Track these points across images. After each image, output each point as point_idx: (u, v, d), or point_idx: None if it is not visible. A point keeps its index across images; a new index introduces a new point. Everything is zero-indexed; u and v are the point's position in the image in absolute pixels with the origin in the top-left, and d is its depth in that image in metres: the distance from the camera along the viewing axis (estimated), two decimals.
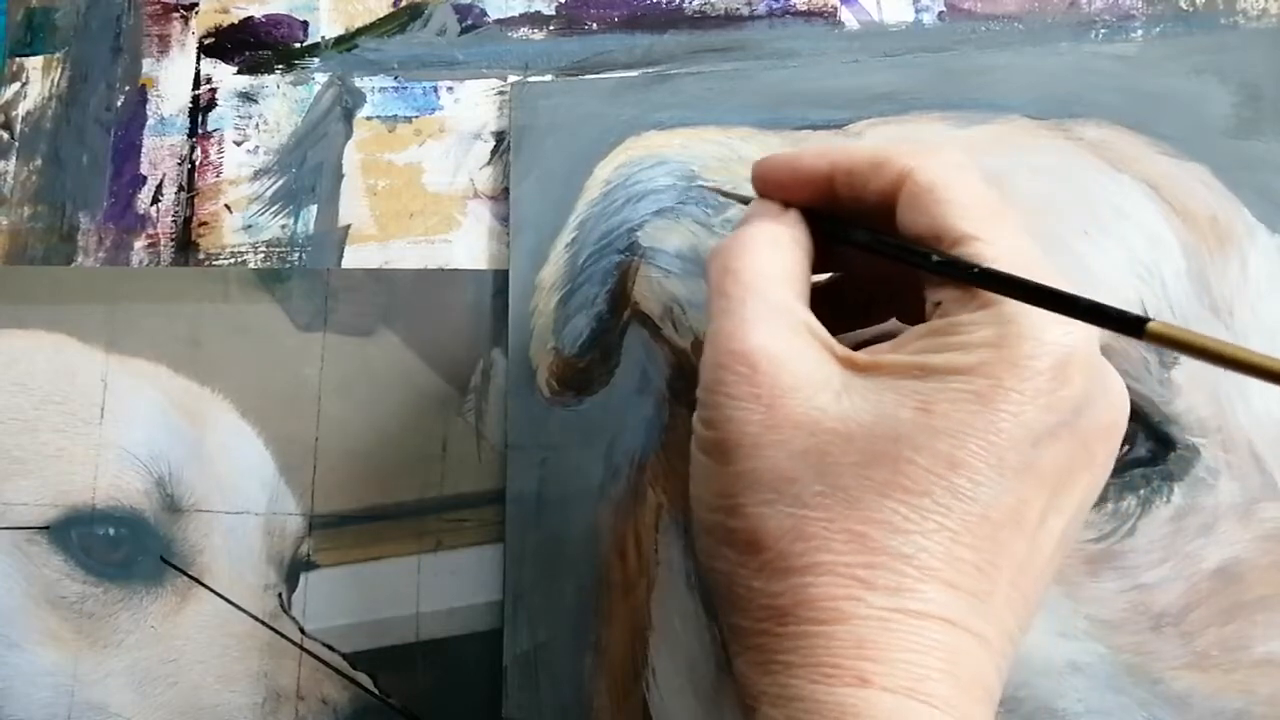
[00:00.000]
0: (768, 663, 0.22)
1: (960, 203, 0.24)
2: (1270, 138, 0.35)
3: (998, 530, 0.22)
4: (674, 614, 0.35)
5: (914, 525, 0.22)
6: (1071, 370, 0.22)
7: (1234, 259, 0.34)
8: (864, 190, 0.25)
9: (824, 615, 0.22)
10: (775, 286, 0.25)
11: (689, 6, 0.41)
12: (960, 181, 0.24)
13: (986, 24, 0.39)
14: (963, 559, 0.22)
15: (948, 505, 0.22)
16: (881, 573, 0.21)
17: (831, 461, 0.22)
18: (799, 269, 0.26)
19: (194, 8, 0.44)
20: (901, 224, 0.25)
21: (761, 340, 0.24)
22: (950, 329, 0.23)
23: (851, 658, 0.21)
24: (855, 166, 0.26)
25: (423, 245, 0.40)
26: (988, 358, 0.22)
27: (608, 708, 0.35)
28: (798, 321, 0.24)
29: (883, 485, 0.22)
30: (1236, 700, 0.31)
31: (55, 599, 0.38)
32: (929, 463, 0.22)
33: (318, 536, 0.38)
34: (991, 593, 0.22)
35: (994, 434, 0.22)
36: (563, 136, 0.39)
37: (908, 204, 0.24)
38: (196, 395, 0.40)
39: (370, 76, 0.42)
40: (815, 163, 0.26)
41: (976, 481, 0.22)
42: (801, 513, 0.22)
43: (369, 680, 0.37)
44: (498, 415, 0.38)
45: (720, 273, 0.26)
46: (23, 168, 0.44)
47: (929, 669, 0.21)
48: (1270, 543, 0.32)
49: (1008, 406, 0.22)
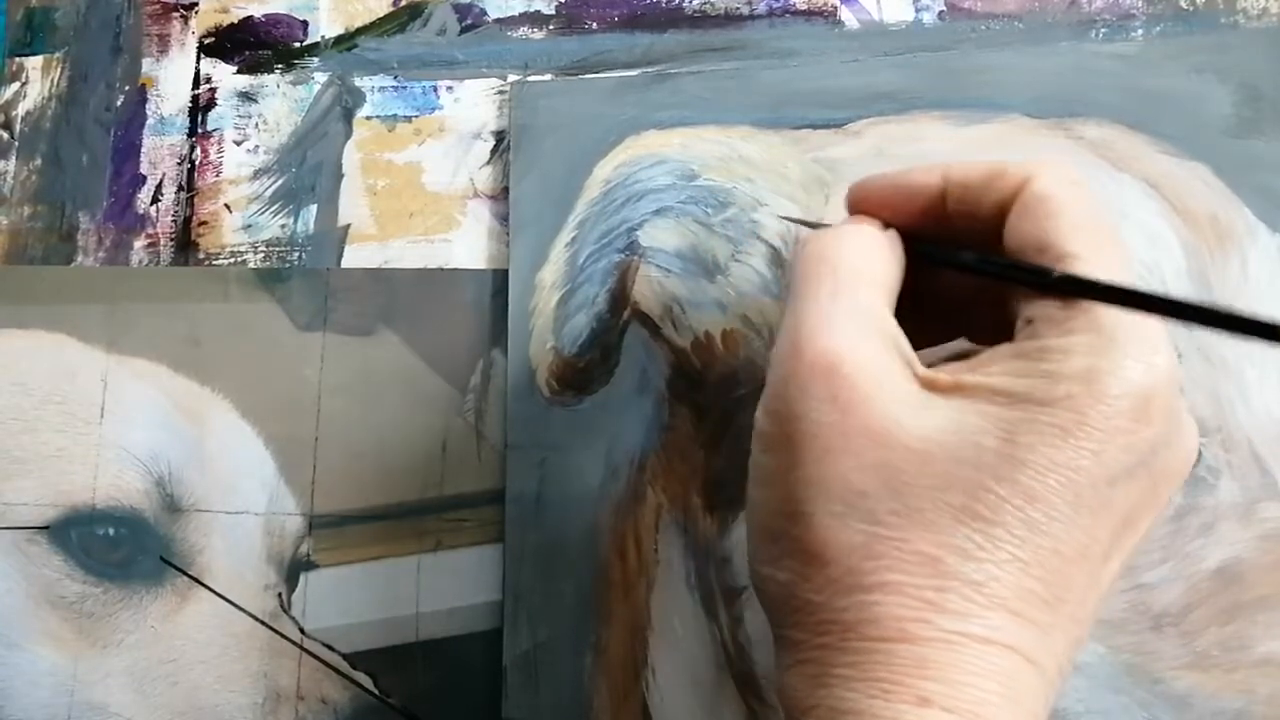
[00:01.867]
0: (823, 676, 0.22)
1: (1072, 219, 0.23)
2: (1270, 137, 0.35)
3: (1067, 565, 0.22)
4: (674, 614, 0.35)
5: (986, 554, 0.21)
6: (1152, 410, 0.22)
7: (1234, 258, 0.34)
8: (980, 203, 0.25)
9: (889, 634, 0.21)
10: (868, 288, 0.24)
11: (689, 6, 0.41)
12: (1076, 198, 0.24)
13: (986, 23, 0.39)
14: (1031, 590, 0.21)
15: (1022, 537, 0.21)
16: (951, 597, 0.21)
17: (906, 480, 0.22)
18: (893, 279, 0.25)
19: (194, 7, 0.44)
20: (1010, 234, 0.24)
21: (847, 340, 0.23)
22: (1040, 354, 0.22)
23: (913, 676, 0.21)
24: (971, 178, 0.25)
25: (422, 245, 0.40)
26: (1075, 391, 0.22)
27: (608, 708, 0.35)
28: (885, 330, 0.24)
29: (959, 510, 0.22)
30: (1236, 700, 0.31)
31: (55, 599, 0.38)
32: (1008, 493, 0.21)
33: (318, 536, 0.38)
34: (1053, 625, 0.22)
35: (1074, 471, 0.21)
36: (563, 136, 0.39)
37: (1020, 213, 0.24)
38: (196, 395, 0.40)
39: (370, 76, 0.42)
40: (927, 178, 0.26)
41: (1052, 516, 0.21)
42: (874, 530, 0.22)
43: (369, 680, 0.37)
44: (498, 415, 0.38)
45: (814, 261, 0.25)
46: (23, 168, 0.44)
47: (990, 694, 0.21)
48: (1270, 542, 0.32)
49: (1090, 444, 0.21)
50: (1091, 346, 0.22)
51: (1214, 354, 0.33)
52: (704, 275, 0.36)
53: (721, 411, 0.35)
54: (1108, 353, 0.22)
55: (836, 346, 0.23)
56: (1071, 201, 0.24)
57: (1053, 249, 0.23)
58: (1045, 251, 0.23)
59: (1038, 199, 0.24)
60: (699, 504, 0.35)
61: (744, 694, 0.34)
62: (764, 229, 0.36)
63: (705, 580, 0.35)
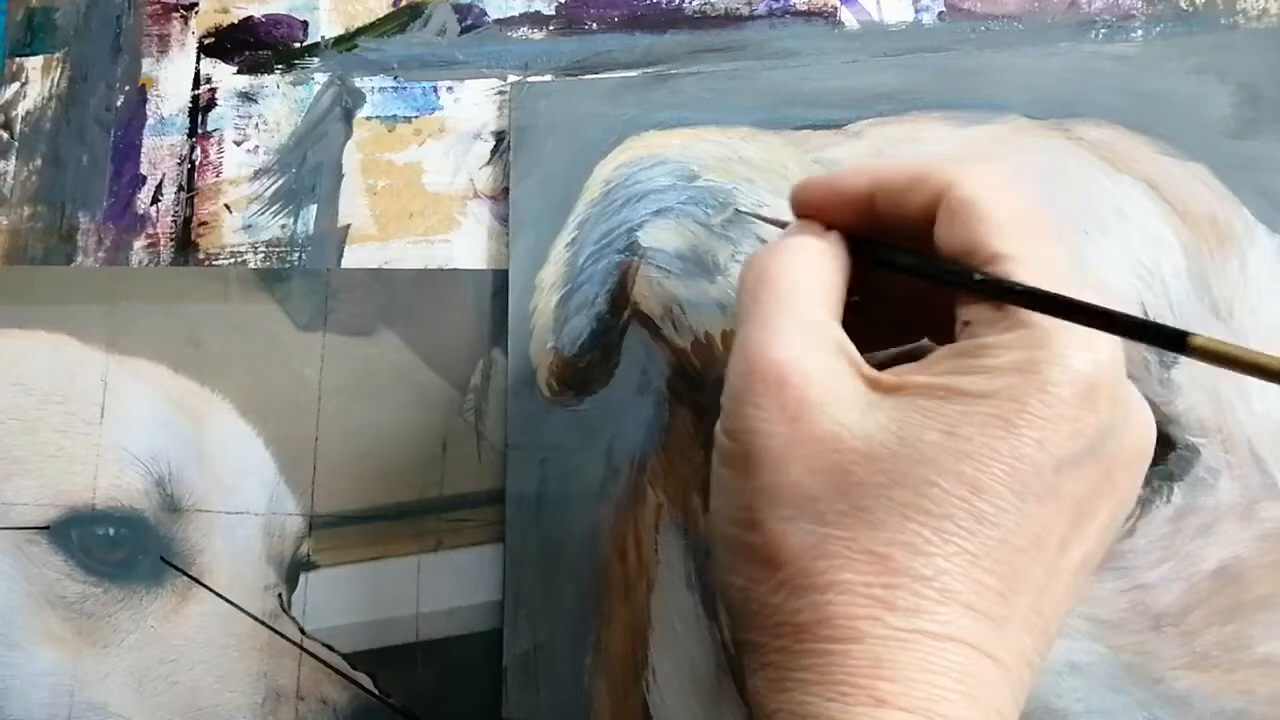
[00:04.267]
0: (783, 680, 0.22)
1: (996, 220, 0.24)
2: (1270, 138, 0.35)
3: (1018, 556, 0.22)
4: (674, 614, 0.35)
5: (935, 548, 0.21)
6: (1098, 397, 0.22)
7: (1234, 259, 0.34)
8: (905, 207, 0.25)
9: (842, 634, 0.22)
10: (810, 300, 0.25)
11: (689, 6, 0.41)
12: (998, 198, 0.24)
13: (986, 24, 0.39)
14: (982, 583, 0.22)
15: (970, 529, 0.22)
16: (901, 594, 0.21)
17: (855, 481, 0.22)
18: (835, 285, 0.26)
19: (194, 8, 0.44)
20: (938, 239, 0.25)
21: (792, 353, 0.23)
22: (978, 351, 0.23)
23: (868, 677, 0.21)
24: (896, 182, 0.25)
25: (422, 245, 0.40)
26: (1014, 382, 0.22)
27: (608, 708, 0.35)
28: (829, 337, 0.24)
29: (905, 507, 0.22)
30: (1236, 700, 0.31)
31: (55, 599, 0.38)
32: (952, 486, 0.22)
33: (318, 536, 0.38)
34: (1009, 617, 0.22)
35: (1017, 459, 0.22)
36: (563, 136, 0.39)
37: (945, 219, 0.24)
38: (196, 395, 0.40)
39: (370, 76, 0.42)
40: (855, 181, 0.26)
41: (999, 506, 0.22)
42: (823, 530, 0.22)
43: (369, 680, 0.37)
44: (498, 415, 0.38)
45: (756, 280, 0.25)
46: (23, 168, 0.44)
47: (946, 690, 0.21)
48: (1270, 542, 0.32)
49: (1032, 432, 0.22)
50: (1029, 339, 0.22)
51: None
52: (704, 276, 0.36)
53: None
54: (1046, 344, 0.22)
55: (781, 359, 0.23)
56: (995, 204, 0.24)
57: (980, 251, 0.23)
58: (973, 254, 0.24)
59: (960, 204, 0.24)
60: (699, 504, 0.35)
61: (744, 694, 0.34)
62: (764, 230, 0.36)
63: (705, 580, 0.35)
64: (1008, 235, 0.23)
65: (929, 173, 0.25)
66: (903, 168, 0.26)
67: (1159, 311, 0.33)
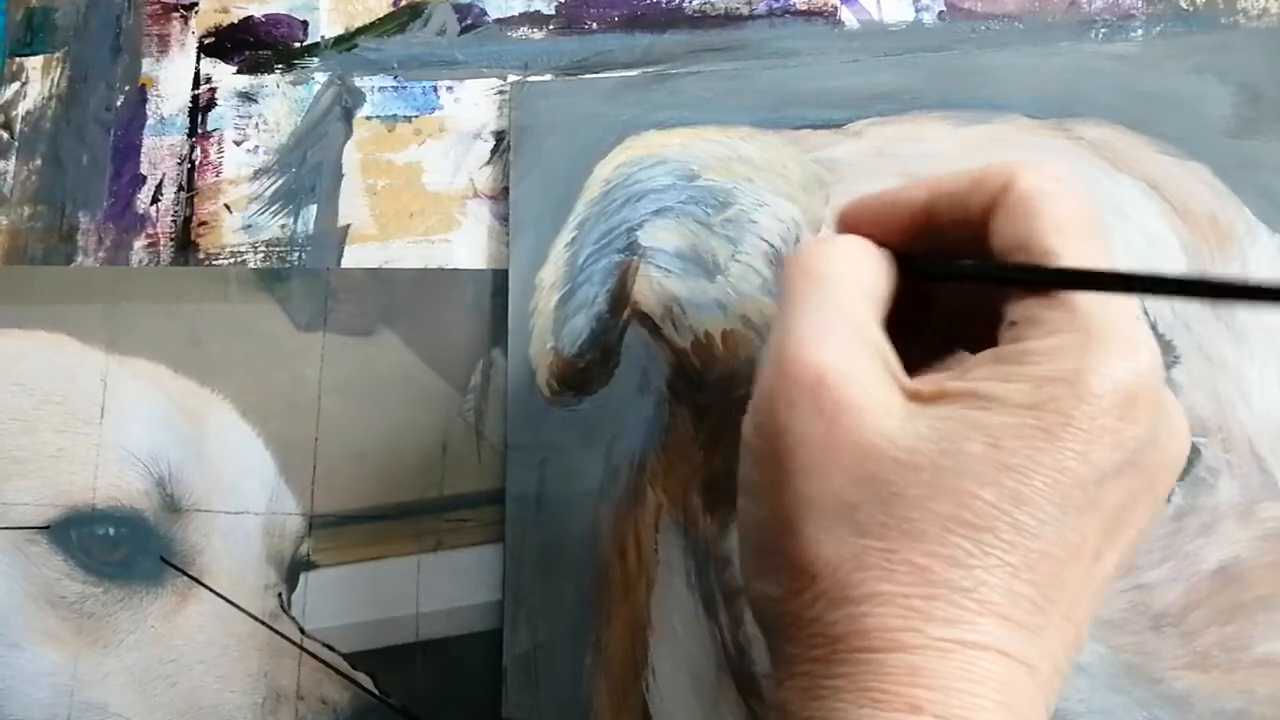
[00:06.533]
0: (815, 689, 0.22)
1: (1054, 216, 0.23)
2: (1270, 138, 0.35)
3: (1058, 567, 0.22)
4: (674, 614, 0.35)
5: (976, 560, 0.21)
6: (1138, 408, 0.22)
7: (1234, 258, 0.34)
8: (968, 211, 0.25)
9: (879, 644, 0.21)
10: (856, 300, 0.24)
11: (689, 6, 0.41)
12: (1058, 194, 0.24)
13: (986, 24, 0.39)
14: (1021, 594, 0.21)
15: (1010, 541, 0.21)
16: (940, 605, 0.21)
17: (895, 492, 0.22)
18: (880, 289, 0.25)
19: (194, 7, 0.44)
20: (995, 235, 0.24)
21: (833, 353, 0.23)
22: (1021, 357, 0.22)
23: (905, 685, 0.21)
24: (959, 187, 0.25)
25: (422, 245, 0.40)
26: (1057, 393, 0.22)
27: (608, 708, 0.35)
28: (871, 340, 0.24)
29: (946, 519, 0.21)
30: (1236, 700, 0.31)
31: (55, 599, 0.38)
32: (995, 498, 0.21)
33: (318, 536, 0.38)
34: (1045, 627, 0.22)
35: (1060, 472, 0.21)
36: (562, 136, 0.39)
37: (1004, 214, 0.24)
38: (196, 395, 0.40)
39: (370, 76, 0.42)
40: (913, 194, 0.26)
41: (1040, 519, 0.21)
42: (862, 541, 0.22)
43: (369, 680, 0.37)
44: (498, 415, 0.38)
45: (801, 274, 0.25)
46: (23, 168, 0.44)
47: (983, 699, 0.21)
48: (1270, 542, 0.32)
49: (1075, 445, 0.21)
50: (1074, 347, 0.22)
51: (1214, 353, 0.33)
52: (704, 275, 0.36)
53: (721, 411, 0.35)
54: (1090, 352, 0.22)
55: (822, 359, 0.23)
56: (1052, 199, 0.24)
57: (1035, 247, 0.23)
58: (1026, 251, 0.23)
59: (1018, 200, 0.24)
60: (699, 504, 0.35)
61: (744, 694, 0.34)
62: (764, 229, 0.36)
63: (705, 580, 0.35)
64: (1064, 232, 0.23)
65: (990, 172, 0.25)
66: (963, 172, 0.25)
67: (1159, 311, 0.33)
